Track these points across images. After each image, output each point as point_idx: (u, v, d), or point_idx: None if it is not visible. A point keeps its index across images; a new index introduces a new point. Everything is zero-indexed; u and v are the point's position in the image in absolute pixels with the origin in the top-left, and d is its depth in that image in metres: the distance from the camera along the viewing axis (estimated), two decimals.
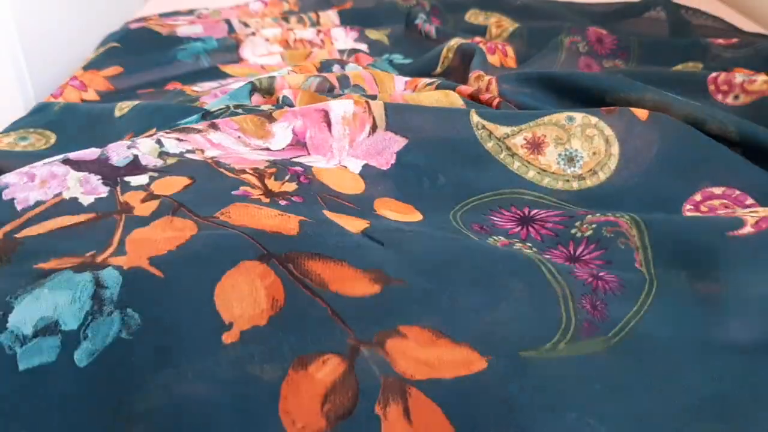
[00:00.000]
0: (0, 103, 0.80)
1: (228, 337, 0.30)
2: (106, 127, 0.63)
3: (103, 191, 0.38)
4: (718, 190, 0.46)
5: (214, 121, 0.44)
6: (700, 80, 0.61)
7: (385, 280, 0.34)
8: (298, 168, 0.44)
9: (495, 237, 0.41)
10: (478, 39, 0.86)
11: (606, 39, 0.84)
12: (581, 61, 0.82)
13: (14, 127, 0.64)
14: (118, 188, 0.39)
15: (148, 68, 0.82)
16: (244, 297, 0.32)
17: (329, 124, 0.47)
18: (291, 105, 0.55)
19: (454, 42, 0.77)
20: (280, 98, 0.57)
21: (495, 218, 0.44)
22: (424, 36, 0.91)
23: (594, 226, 0.41)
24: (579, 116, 0.49)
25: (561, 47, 0.83)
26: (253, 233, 0.35)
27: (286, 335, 0.31)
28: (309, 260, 0.34)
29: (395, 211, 0.43)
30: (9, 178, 0.38)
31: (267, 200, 0.39)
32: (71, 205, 0.37)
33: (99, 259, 0.33)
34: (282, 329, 0.31)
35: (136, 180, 0.40)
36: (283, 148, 0.45)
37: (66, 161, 0.40)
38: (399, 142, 0.47)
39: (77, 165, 0.40)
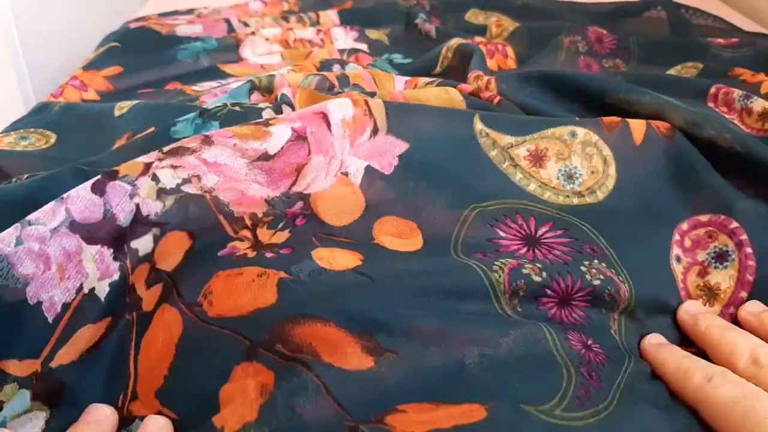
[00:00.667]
0: (0, 103, 0.80)
1: None
2: (106, 126, 0.63)
3: (114, 270, 0.38)
4: (704, 218, 0.47)
5: (207, 135, 0.43)
6: (700, 93, 0.61)
7: (378, 352, 0.33)
8: (297, 206, 0.43)
9: (503, 260, 0.40)
10: (478, 39, 0.86)
11: (606, 39, 0.84)
12: (581, 61, 0.82)
13: (14, 126, 0.64)
14: (128, 263, 0.38)
15: (148, 68, 0.82)
16: (236, 396, 0.32)
17: (329, 126, 0.47)
18: (289, 102, 0.55)
19: (454, 42, 0.77)
20: (279, 96, 0.56)
21: (500, 233, 0.43)
22: (424, 36, 0.91)
23: (602, 278, 0.40)
24: (582, 132, 0.48)
25: (561, 47, 0.83)
26: (233, 326, 0.34)
27: (279, 420, 0.30)
28: (295, 327, 0.33)
29: (396, 236, 0.42)
30: (25, 267, 0.35)
31: (253, 254, 0.39)
32: (92, 307, 0.37)
33: (124, 412, 0.34)
34: (273, 415, 0.31)
35: (142, 247, 0.39)
36: (282, 147, 0.44)
37: (72, 227, 0.37)
38: (400, 146, 0.46)
39: (86, 233, 0.38)
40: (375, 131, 0.46)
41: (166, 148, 0.43)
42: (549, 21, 0.95)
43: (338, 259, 0.38)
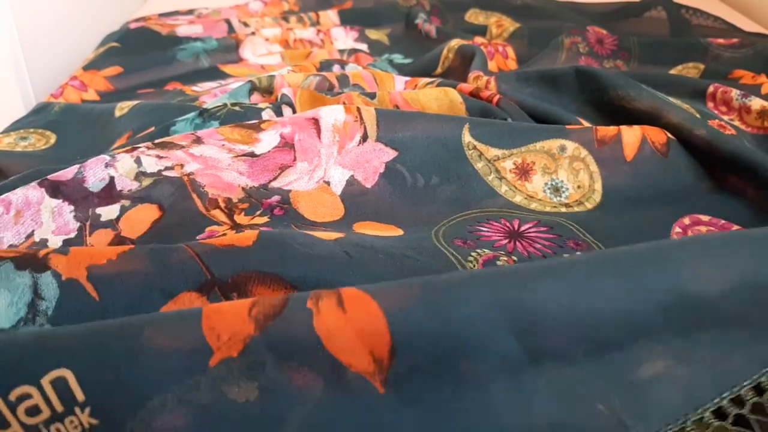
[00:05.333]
0: (0, 103, 0.80)
1: None
2: (107, 127, 0.63)
3: (73, 229, 0.39)
4: (705, 218, 0.47)
5: (198, 136, 0.44)
6: (699, 92, 0.61)
7: None
8: (274, 198, 0.43)
9: (479, 251, 0.41)
10: (478, 39, 0.86)
11: (606, 39, 0.84)
12: (581, 62, 0.82)
13: (14, 127, 0.64)
14: (88, 225, 0.39)
15: (148, 68, 0.82)
16: None
17: (319, 132, 0.47)
18: (290, 103, 0.55)
19: (455, 42, 0.77)
20: (279, 96, 0.57)
21: (483, 229, 0.44)
22: (425, 36, 0.91)
23: None
24: (571, 147, 0.49)
25: (561, 48, 0.83)
26: (200, 249, 0.34)
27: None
28: (259, 285, 0.33)
29: (375, 230, 0.43)
30: None
31: (233, 232, 0.39)
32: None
33: (41, 253, 0.33)
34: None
35: (106, 212, 0.40)
36: (269, 151, 0.45)
37: (42, 183, 0.40)
38: (389, 154, 0.47)
39: (53, 188, 0.40)
40: (364, 138, 0.47)
41: (157, 140, 0.44)
42: (549, 21, 0.95)
43: (319, 235, 0.38)
